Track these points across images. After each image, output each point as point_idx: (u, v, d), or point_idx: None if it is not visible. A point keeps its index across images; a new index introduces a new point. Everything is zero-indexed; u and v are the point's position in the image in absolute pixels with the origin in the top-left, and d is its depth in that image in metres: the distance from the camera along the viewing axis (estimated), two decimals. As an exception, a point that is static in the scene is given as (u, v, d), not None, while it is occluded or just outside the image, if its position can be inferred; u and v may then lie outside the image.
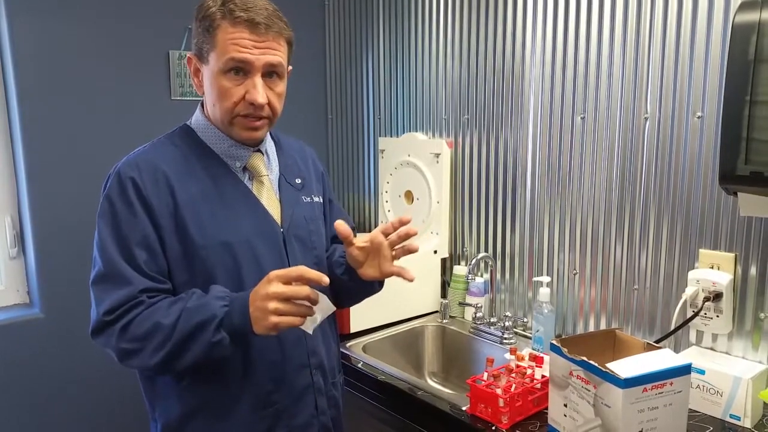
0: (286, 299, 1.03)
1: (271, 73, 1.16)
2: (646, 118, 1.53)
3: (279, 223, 1.24)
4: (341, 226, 1.17)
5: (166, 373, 1.16)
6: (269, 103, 1.17)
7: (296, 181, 1.32)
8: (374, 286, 1.35)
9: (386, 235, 1.21)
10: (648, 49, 1.50)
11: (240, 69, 1.12)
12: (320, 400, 1.28)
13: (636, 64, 1.53)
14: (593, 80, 1.62)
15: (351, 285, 1.30)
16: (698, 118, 1.43)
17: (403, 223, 1.19)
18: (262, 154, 1.26)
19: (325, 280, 1.05)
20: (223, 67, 1.12)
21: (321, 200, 1.37)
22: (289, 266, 1.20)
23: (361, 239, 1.21)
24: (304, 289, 1.03)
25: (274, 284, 1.03)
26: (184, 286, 1.14)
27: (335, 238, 1.45)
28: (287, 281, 1.04)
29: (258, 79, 1.13)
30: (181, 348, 1.06)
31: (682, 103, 1.45)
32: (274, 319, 1.02)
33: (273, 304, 1.02)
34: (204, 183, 1.17)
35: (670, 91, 1.47)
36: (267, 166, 1.27)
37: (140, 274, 1.10)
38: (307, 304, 1.05)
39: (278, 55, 1.15)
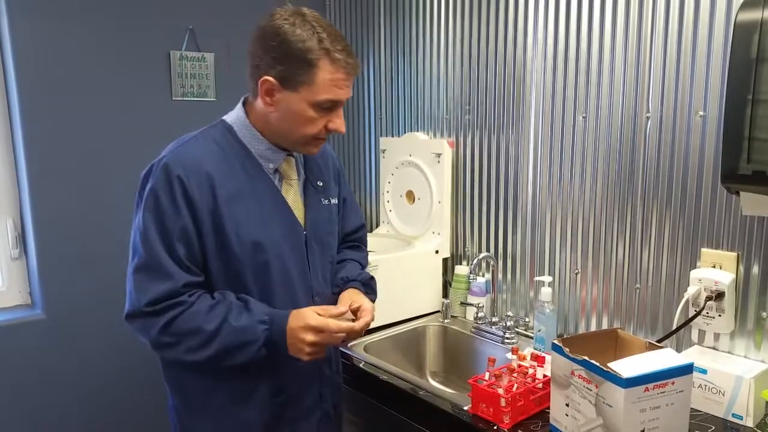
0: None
1: None
2: (648, 117, 1.52)
3: (302, 226, 1.31)
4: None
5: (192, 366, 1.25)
6: None
7: (318, 183, 1.39)
8: None
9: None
10: (650, 48, 1.50)
11: (332, 104, 1.22)
12: (324, 389, 1.38)
13: (638, 63, 1.53)
14: (595, 79, 1.62)
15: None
16: (700, 117, 1.42)
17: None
18: (293, 158, 1.33)
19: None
20: (320, 104, 1.20)
21: (337, 201, 1.44)
22: (309, 268, 1.32)
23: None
24: (337, 340, 1.23)
25: (310, 335, 1.19)
26: (216, 280, 1.23)
27: (348, 235, 1.55)
28: (322, 330, 1.20)
29: (341, 111, 1.25)
30: (223, 356, 1.19)
31: (683, 102, 1.45)
32: (309, 358, 1.21)
33: (309, 349, 1.20)
34: (241, 181, 1.23)
35: (671, 90, 1.47)
36: (296, 171, 1.33)
37: (181, 267, 1.18)
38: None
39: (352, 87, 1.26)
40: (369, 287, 1.47)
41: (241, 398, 1.27)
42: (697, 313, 1.42)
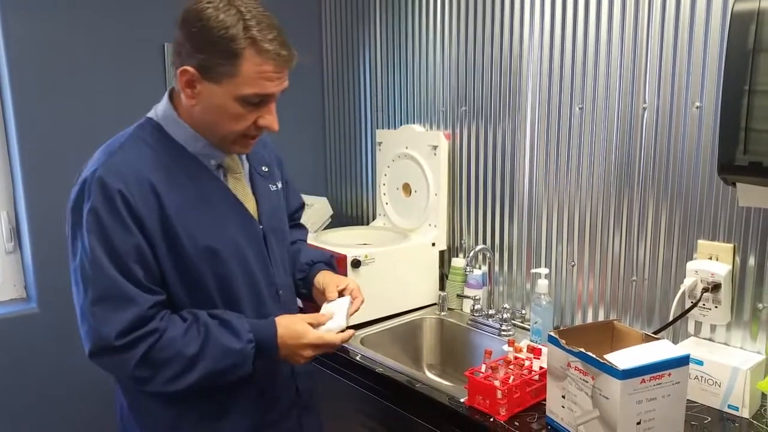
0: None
1: None
2: (644, 108, 1.52)
3: (257, 219, 1.25)
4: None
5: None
6: None
7: (263, 169, 1.32)
8: None
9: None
10: (646, 38, 1.49)
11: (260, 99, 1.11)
12: (300, 384, 1.34)
13: (634, 54, 1.52)
14: (591, 70, 1.61)
15: (303, 293, 1.43)
16: (697, 108, 1.42)
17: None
18: None
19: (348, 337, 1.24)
20: (246, 98, 1.08)
21: (281, 185, 1.38)
22: (270, 262, 1.26)
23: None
24: (332, 348, 1.24)
25: (310, 351, 1.19)
26: (178, 293, 1.15)
27: (291, 216, 1.51)
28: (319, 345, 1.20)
29: (273, 106, 1.13)
30: (209, 380, 1.12)
31: (680, 92, 1.45)
32: (305, 360, 1.21)
33: (304, 361, 1.21)
34: (186, 187, 1.14)
35: (668, 81, 1.46)
36: (239, 163, 1.25)
37: (142, 290, 1.08)
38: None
39: (288, 79, 1.13)
40: (332, 266, 1.45)
41: (217, 411, 1.20)
42: (694, 305, 1.42)
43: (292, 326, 1.18)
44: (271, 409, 1.27)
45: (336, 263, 1.51)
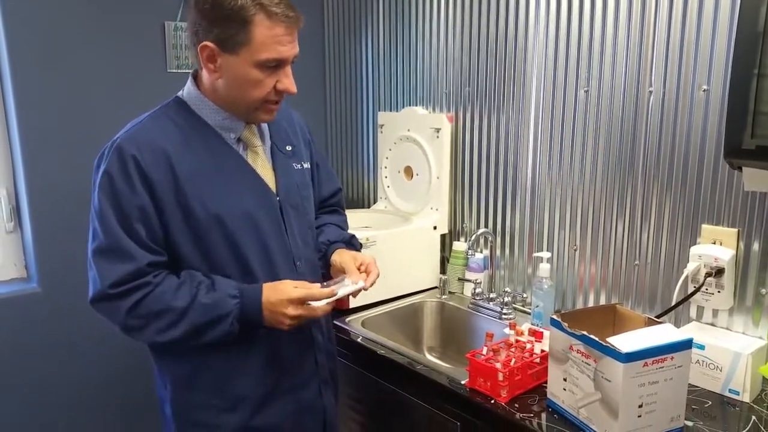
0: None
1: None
2: (650, 92, 1.50)
3: (275, 192, 1.29)
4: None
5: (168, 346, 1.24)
6: None
7: (287, 148, 1.36)
8: None
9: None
10: (654, 21, 1.47)
11: (276, 63, 1.17)
12: (320, 356, 1.37)
13: (641, 36, 1.50)
14: (597, 53, 1.60)
15: (322, 273, 1.43)
16: (704, 91, 1.40)
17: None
18: (254, 124, 1.30)
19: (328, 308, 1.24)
20: (264, 63, 1.15)
21: (309, 166, 1.42)
22: (287, 234, 1.30)
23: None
24: (321, 313, 1.22)
25: (291, 309, 1.18)
26: (189, 256, 1.21)
27: (325, 201, 1.54)
28: (303, 302, 1.19)
29: (289, 70, 1.20)
30: (194, 333, 1.17)
31: (687, 76, 1.43)
32: (288, 328, 1.21)
33: (290, 321, 1.19)
34: (203, 156, 1.21)
35: (675, 65, 1.45)
36: (259, 137, 1.31)
37: (142, 248, 1.16)
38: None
39: (298, 43, 1.19)
40: (353, 246, 1.48)
41: (231, 373, 1.26)
42: (697, 289, 1.42)
43: (277, 285, 1.21)
44: (286, 376, 1.31)
45: (358, 243, 1.52)
